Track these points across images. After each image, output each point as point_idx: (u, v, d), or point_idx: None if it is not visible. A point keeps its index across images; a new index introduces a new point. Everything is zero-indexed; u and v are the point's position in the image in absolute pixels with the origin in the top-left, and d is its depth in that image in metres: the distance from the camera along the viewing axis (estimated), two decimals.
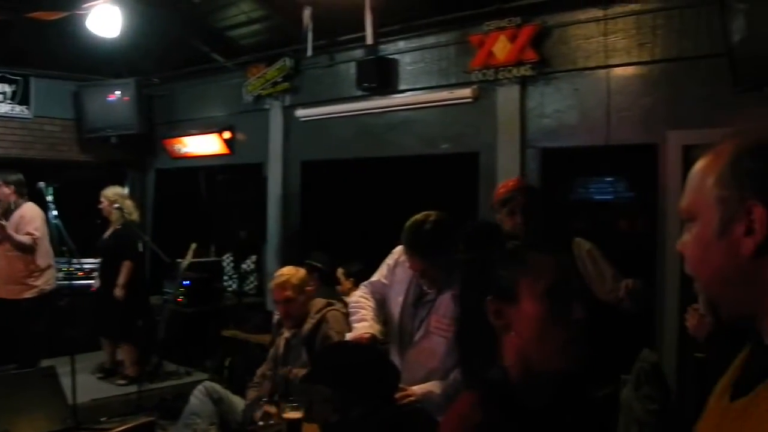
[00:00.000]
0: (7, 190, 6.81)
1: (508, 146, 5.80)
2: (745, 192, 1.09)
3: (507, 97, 5.82)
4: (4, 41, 8.13)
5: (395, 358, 3.64)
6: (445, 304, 3.36)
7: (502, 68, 5.76)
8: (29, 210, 6.85)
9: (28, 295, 6.88)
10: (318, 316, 4.47)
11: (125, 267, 7.18)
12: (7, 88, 8.76)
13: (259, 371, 4.76)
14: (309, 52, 6.77)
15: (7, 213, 6.82)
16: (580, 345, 1.53)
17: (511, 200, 4.18)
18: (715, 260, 1.14)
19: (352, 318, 3.80)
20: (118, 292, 7.12)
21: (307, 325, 4.46)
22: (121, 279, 7.15)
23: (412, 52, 6.62)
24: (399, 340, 3.65)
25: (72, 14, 5.96)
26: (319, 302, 4.62)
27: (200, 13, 7.71)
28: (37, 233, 6.79)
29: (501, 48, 5.73)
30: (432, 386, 3.35)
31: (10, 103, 8.78)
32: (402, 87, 6.68)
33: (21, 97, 8.87)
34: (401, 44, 6.68)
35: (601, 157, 5.54)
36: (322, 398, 2.88)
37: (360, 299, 3.84)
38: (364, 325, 3.65)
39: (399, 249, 3.74)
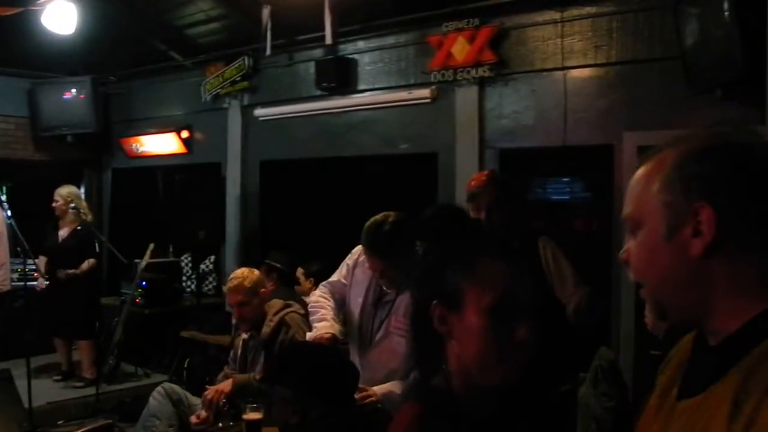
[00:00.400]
0: None
1: (466, 146, 5.85)
2: (691, 195, 1.12)
3: (465, 97, 5.87)
4: None
5: (355, 359, 3.65)
6: (405, 304, 3.36)
7: (460, 69, 5.80)
8: None
9: None
10: (276, 318, 4.41)
11: (89, 263, 7.15)
12: None
13: (220, 375, 4.70)
14: (268, 51, 6.81)
15: None
16: (519, 366, 1.47)
17: (479, 195, 4.10)
18: (663, 263, 1.17)
19: (313, 318, 3.80)
20: (65, 273, 7.06)
21: (266, 329, 4.38)
22: (84, 267, 7.11)
23: (371, 52, 6.64)
24: (359, 341, 3.66)
25: (27, 10, 5.88)
26: (277, 304, 4.56)
27: (158, 10, 7.66)
28: None
29: (459, 49, 5.77)
30: (392, 386, 3.37)
31: None
32: (361, 87, 6.70)
33: None
34: (360, 44, 6.70)
35: (558, 157, 5.61)
36: (282, 399, 2.87)
37: (320, 299, 3.84)
38: (324, 324, 3.65)
39: (358, 249, 3.75)
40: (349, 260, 3.84)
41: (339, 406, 2.79)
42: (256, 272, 4.61)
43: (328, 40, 6.24)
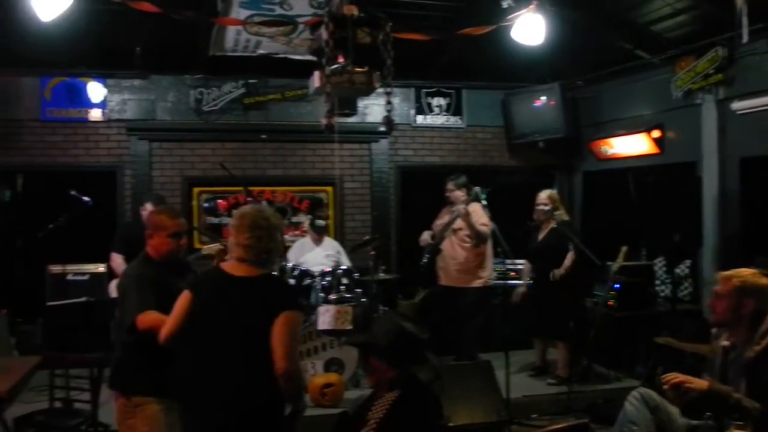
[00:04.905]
0: (459, 194, 7.42)
1: None
2: None
3: None
4: (440, 58, 8.95)
5: None
6: None
7: None
8: (476, 206, 7.35)
9: (475, 284, 7.52)
10: (765, 342, 3.86)
11: (570, 257, 7.25)
12: (442, 101, 9.73)
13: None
14: (744, 38, 6.43)
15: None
16: None
17: None
18: None
19: None
20: (558, 272, 7.23)
21: (750, 352, 3.90)
22: (567, 263, 7.25)
23: None
24: None
25: (498, 27, 6.23)
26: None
27: (622, 9, 7.71)
28: (490, 225, 7.27)
29: None
30: None
31: (445, 115, 9.76)
32: None
33: (454, 109, 9.77)
34: None
35: None
36: None
37: None
38: None
39: None
40: None
41: None
42: (763, 280, 4.00)
43: None
